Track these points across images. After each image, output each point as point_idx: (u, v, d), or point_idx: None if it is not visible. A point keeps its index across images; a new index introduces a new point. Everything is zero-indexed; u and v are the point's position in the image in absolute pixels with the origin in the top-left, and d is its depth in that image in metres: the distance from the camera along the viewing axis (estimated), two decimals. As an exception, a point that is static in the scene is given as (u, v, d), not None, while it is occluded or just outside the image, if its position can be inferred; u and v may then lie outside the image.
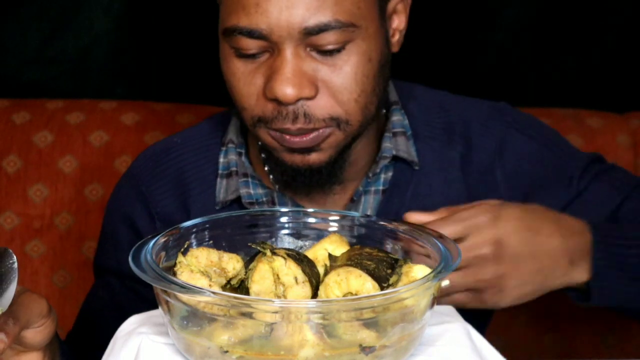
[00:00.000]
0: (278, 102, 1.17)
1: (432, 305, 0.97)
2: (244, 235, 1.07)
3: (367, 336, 0.92)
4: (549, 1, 2.00)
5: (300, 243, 1.11)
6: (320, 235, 1.10)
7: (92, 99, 1.87)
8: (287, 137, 1.20)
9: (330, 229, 1.10)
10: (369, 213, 1.31)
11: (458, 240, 1.09)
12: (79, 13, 1.96)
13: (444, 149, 1.34)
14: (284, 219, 1.11)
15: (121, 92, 2.01)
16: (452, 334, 1.03)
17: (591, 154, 1.39)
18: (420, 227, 1.08)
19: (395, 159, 1.32)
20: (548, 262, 1.13)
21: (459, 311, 1.09)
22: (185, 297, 0.92)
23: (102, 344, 1.04)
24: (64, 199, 1.78)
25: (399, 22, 1.27)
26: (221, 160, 1.35)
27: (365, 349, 0.92)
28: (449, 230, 1.07)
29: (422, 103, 1.37)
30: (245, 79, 1.20)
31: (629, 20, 2.00)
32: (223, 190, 1.33)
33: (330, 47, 1.16)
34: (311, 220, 1.12)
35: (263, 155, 1.31)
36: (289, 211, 1.12)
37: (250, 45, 1.17)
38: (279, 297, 0.96)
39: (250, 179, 1.32)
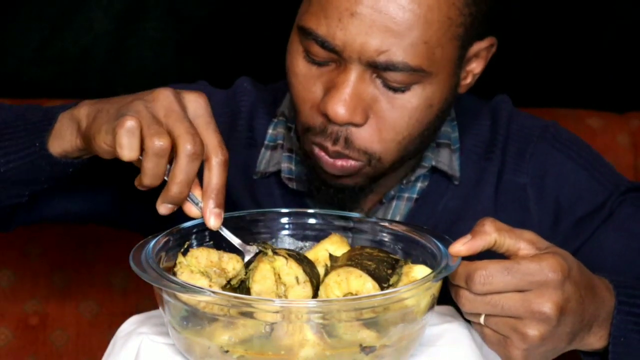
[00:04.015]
0: (328, 118, 1.15)
1: (432, 305, 0.97)
2: (244, 235, 1.07)
3: (367, 336, 0.92)
4: (549, 1, 2.00)
5: (300, 244, 1.11)
6: (320, 235, 1.10)
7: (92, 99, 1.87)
8: (323, 155, 1.18)
9: (331, 230, 1.11)
10: (397, 219, 1.28)
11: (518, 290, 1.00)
12: (79, 13, 1.96)
13: (484, 165, 1.31)
14: (284, 220, 1.11)
15: (121, 92, 2.01)
16: (452, 334, 1.03)
17: (636, 183, 1.34)
18: (421, 227, 1.08)
19: (435, 169, 1.30)
20: (577, 330, 1.05)
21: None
22: (185, 297, 0.92)
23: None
24: (64, 199, 1.77)
25: (476, 66, 1.24)
26: (270, 131, 1.34)
27: (365, 349, 0.92)
28: (513, 283, 0.98)
29: (476, 117, 1.34)
30: (306, 84, 1.17)
31: (628, 20, 2.00)
32: (265, 161, 1.32)
33: (395, 84, 1.14)
34: (312, 221, 1.12)
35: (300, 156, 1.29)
36: (290, 212, 1.12)
37: (321, 54, 1.14)
38: (280, 297, 0.96)
39: (294, 155, 1.31)
